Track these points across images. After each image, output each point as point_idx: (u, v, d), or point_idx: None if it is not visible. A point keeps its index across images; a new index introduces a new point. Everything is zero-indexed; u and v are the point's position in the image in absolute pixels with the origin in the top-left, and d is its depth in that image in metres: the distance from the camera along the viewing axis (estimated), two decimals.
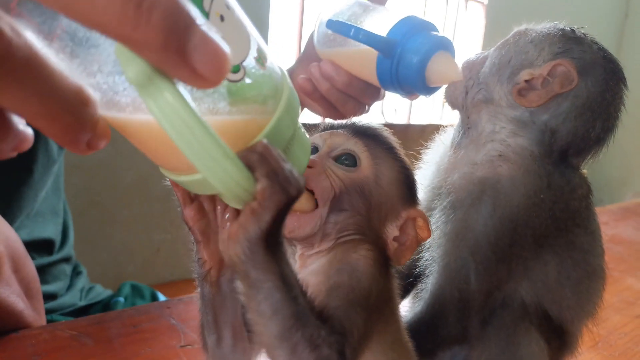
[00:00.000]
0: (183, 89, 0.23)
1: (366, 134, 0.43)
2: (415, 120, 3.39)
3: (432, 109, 3.45)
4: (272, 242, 0.28)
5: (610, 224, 1.28)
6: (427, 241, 0.43)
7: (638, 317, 0.81)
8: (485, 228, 0.48)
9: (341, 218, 0.40)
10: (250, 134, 0.28)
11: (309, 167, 0.40)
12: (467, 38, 3.49)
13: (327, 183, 0.40)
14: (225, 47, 0.21)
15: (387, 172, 0.42)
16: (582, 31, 0.50)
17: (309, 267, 0.40)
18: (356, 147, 0.42)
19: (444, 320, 0.50)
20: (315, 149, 0.43)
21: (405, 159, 0.44)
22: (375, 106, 0.75)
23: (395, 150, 0.44)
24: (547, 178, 0.48)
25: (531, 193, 0.48)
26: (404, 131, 3.23)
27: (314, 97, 0.68)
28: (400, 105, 3.27)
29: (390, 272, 0.41)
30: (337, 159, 0.41)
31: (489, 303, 0.50)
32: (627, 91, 0.50)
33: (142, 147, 0.28)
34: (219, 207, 0.35)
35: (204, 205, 0.36)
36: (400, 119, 3.31)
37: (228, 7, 0.26)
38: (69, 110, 0.22)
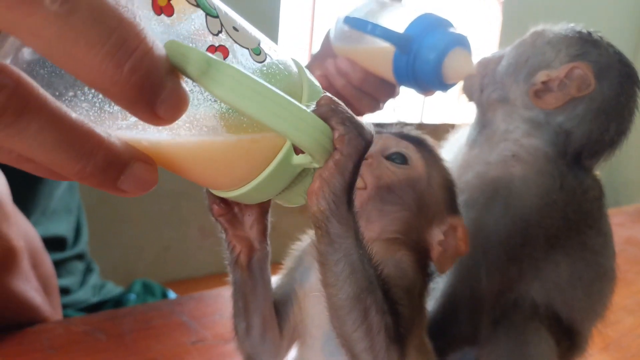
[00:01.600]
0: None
1: (415, 140, 0.44)
2: (429, 119, 3.38)
3: (446, 108, 3.43)
4: (351, 197, 0.28)
5: (627, 225, 1.26)
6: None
7: None
8: (497, 227, 0.48)
9: (388, 208, 0.39)
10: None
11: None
12: (484, 36, 3.47)
13: (378, 172, 0.40)
14: (188, 95, 0.22)
15: (437, 174, 0.42)
16: (598, 34, 0.50)
17: None
18: (407, 149, 0.42)
19: (455, 319, 0.50)
20: None
21: (450, 168, 0.44)
22: (388, 104, 0.75)
23: (442, 157, 0.44)
24: (560, 179, 0.48)
25: (544, 193, 0.48)
26: (418, 130, 3.21)
27: (329, 93, 0.69)
28: (413, 104, 3.26)
29: (426, 280, 0.41)
30: (389, 158, 0.41)
31: (500, 303, 0.50)
32: None
33: (192, 172, 0.27)
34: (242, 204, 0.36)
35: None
36: (413, 118, 3.30)
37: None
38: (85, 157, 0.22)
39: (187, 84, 0.22)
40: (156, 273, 2.36)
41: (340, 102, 0.28)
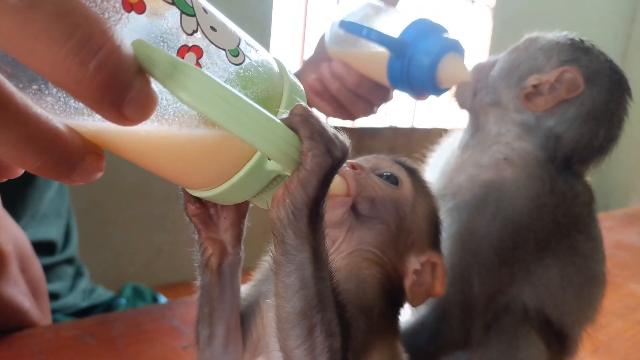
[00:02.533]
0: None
1: (409, 168, 0.44)
2: (420, 124, 3.39)
3: (437, 113, 3.45)
4: (315, 212, 0.27)
5: (615, 230, 1.27)
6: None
7: None
8: (488, 230, 0.48)
9: (367, 219, 0.39)
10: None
11: (353, 168, 0.40)
12: (475, 41, 3.49)
13: (364, 182, 0.39)
14: (157, 95, 0.21)
15: (424, 205, 0.42)
16: (590, 42, 0.51)
17: None
18: (400, 172, 0.42)
19: (447, 323, 0.50)
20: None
21: (439, 206, 0.45)
22: (381, 108, 0.75)
23: (433, 193, 0.44)
24: (550, 183, 0.48)
25: (534, 197, 0.48)
26: (409, 134, 3.23)
27: (323, 96, 0.69)
28: (404, 109, 3.27)
29: (390, 305, 0.40)
30: (380, 176, 0.41)
31: (491, 307, 0.50)
32: (631, 101, 0.51)
33: (164, 169, 0.27)
34: (219, 206, 0.35)
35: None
36: (405, 122, 3.31)
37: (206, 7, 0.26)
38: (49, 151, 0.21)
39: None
40: (147, 277, 2.35)
41: (314, 112, 0.26)
